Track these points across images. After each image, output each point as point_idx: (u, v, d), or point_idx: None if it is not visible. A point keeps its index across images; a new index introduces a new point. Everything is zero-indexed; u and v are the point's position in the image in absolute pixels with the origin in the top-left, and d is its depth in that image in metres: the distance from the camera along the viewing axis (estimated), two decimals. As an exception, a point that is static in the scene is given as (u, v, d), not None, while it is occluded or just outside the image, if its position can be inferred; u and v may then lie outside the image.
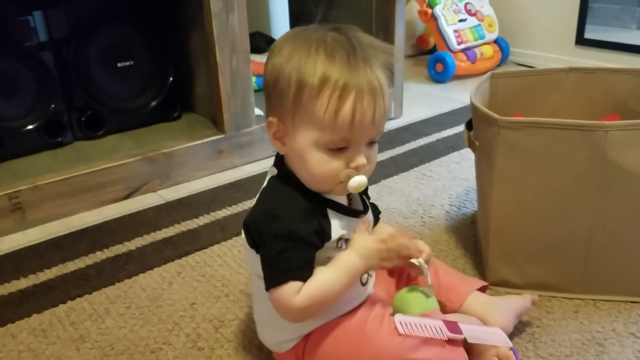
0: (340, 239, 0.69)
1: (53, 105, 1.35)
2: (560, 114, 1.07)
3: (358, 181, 0.66)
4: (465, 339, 0.70)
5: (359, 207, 0.74)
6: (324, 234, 0.67)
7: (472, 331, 0.71)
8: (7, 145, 1.30)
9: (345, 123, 0.63)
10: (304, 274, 0.65)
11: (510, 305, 0.80)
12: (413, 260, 0.72)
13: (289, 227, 0.65)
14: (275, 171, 0.72)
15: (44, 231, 1.18)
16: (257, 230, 0.66)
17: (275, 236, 0.65)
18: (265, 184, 0.72)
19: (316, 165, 0.65)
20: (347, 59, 0.63)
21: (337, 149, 0.65)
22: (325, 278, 0.67)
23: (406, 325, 0.67)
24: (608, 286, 0.89)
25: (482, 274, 0.96)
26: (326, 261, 0.69)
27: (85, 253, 1.08)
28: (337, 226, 0.69)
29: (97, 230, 1.17)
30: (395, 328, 0.67)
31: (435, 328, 0.68)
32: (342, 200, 0.71)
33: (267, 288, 0.66)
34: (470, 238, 1.08)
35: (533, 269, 0.91)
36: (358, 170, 0.66)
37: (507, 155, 0.85)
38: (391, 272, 0.82)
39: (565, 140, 0.82)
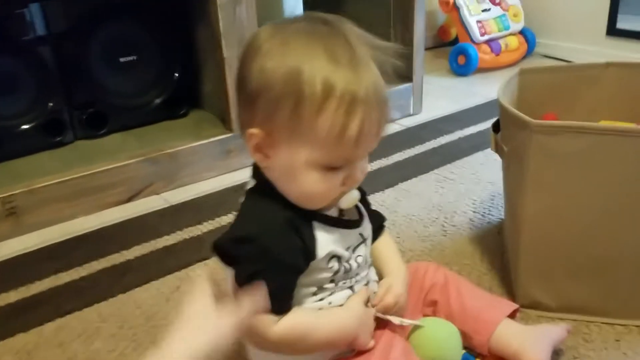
0: (331, 256, 0.60)
1: (52, 103, 1.28)
2: (598, 114, 0.97)
3: (352, 198, 0.60)
4: None
5: (353, 216, 0.65)
6: (307, 254, 0.58)
7: None
8: (4, 145, 1.24)
9: (351, 142, 0.54)
10: (281, 307, 0.57)
11: (546, 335, 0.71)
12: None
13: (265, 245, 0.56)
14: (253, 183, 0.63)
15: (40, 237, 1.11)
16: (225, 254, 0.58)
17: (246, 258, 0.56)
18: (241, 198, 0.63)
19: (309, 185, 0.57)
20: (350, 63, 0.54)
21: (335, 167, 0.57)
22: (310, 321, 0.59)
23: None
24: (656, 310, 0.79)
25: (510, 293, 0.87)
26: (315, 282, 0.60)
27: (81, 263, 1.01)
28: (326, 241, 0.59)
29: (95, 237, 1.10)
30: None
31: None
32: (332, 211, 0.62)
33: None
34: (497, 250, 0.98)
35: (570, 290, 0.81)
36: (352, 185, 0.59)
37: (541, 161, 0.76)
38: None
39: (609, 146, 0.72)
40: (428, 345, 0.67)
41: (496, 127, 0.90)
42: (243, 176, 0.66)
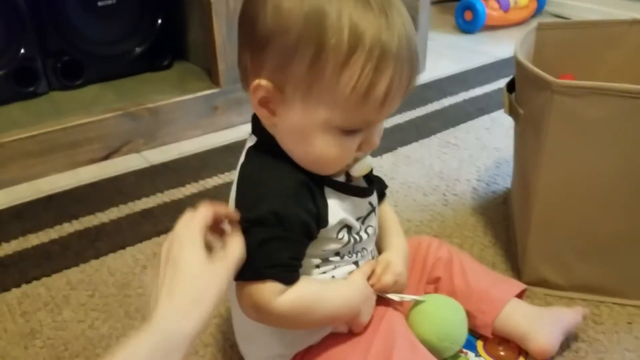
0: (342, 225, 0.53)
1: (23, 50, 1.17)
2: (621, 77, 0.87)
3: (366, 165, 0.54)
4: None
5: (362, 183, 0.58)
6: (320, 218, 0.51)
7: None
8: (-30, 94, 1.14)
9: (376, 104, 0.47)
10: (289, 275, 0.50)
11: (558, 319, 0.64)
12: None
13: (275, 209, 0.49)
14: (254, 139, 0.55)
15: (9, 196, 1.03)
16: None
17: (257, 222, 0.49)
18: (242, 158, 0.55)
19: (323, 149, 0.50)
20: (382, 6, 0.45)
21: (353, 131, 0.50)
22: (319, 291, 0.53)
23: None
24: (673, 292, 0.73)
25: (515, 269, 0.80)
26: (321, 254, 0.54)
27: (51, 224, 0.93)
28: (337, 207, 0.53)
29: (67, 197, 1.01)
30: None
31: None
32: (340, 177, 0.55)
33: (238, 278, 0.50)
34: (501, 222, 0.91)
35: (582, 268, 0.74)
36: (367, 151, 0.52)
37: (562, 127, 0.68)
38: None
39: (637, 112, 0.63)
40: (431, 322, 0.61)
41: (511, 86, 0.81)
42: (230, 136, 0.58)
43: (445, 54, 1.69)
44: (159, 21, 1.31)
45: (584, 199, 0.70)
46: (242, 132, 1.23)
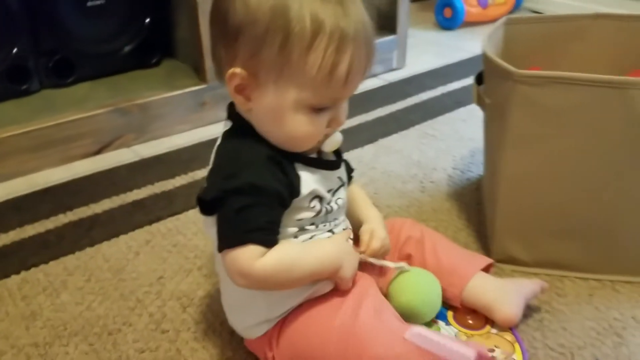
0: (313, 195, 0.59)
1: (16, 49, 1.21)
2: (584, 68, 0.93)
3: (336, 141, 0.60)
4: None
5: (330, 158, 0.63)
6: (292, 188, 0.57)
7: None
8: (-35, 93, 1.18)
9: (340, 81, 0.53)
10: (268, 238, 0.55)
11: (520, 290, 0.70)
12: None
13: (250, 179, 0.54)
14: (229, 124, 0.60)
15: (5, 190, 1.07)
16: (212, 196, 0.55)
17: (234, 191, 0.54)
18: (218, 141, 0.60)
19: (296, 127, 0.56)
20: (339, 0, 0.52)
21: (322, 109, 0.56)
22: (296, 251, 0.58)
23: (421, 339, 0.56)
24: (631, 266, 0.79)
25: (486, 249, 0.86)
26: (296, 224, 0.59)
27: (47, 216, 0.97)
28: (309, 179, 0.58)
29: (62, 190, 1.06)
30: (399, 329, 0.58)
31: (458, 350, 0.55)
32: (312, 153, 0.61)
33: (221, 248, 0.55)
34: (474, 207, 0.96)
35: (546, 245, 0.80)
36: (335, 127, 0.58)
37: (524, 114, 0.73)
38: None
39: (595, 99, 0.69)
40: (411, 291, 0.66)
41: (479, 78, 0.87)
42: (218, 130, 0.63)
43: (426, 50, 1.74)
44: (148, 20, 1.35)
45: (547, 181, 0.76)
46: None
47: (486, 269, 0.73)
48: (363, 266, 0.64)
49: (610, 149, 0.71)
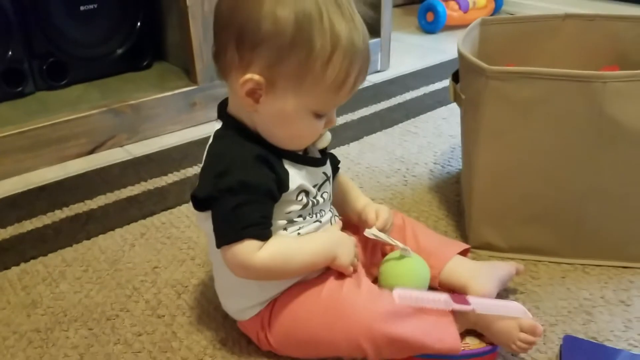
0: (300, 190, 0.63)
1: (11, 52, 1.24)
2: (556, 65, 0.97)
3: (328, 139, 0.66)
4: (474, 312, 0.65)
5: (316, 155, 0.68)
6: (281, 183, 0.61)
7: (482, 303, 0.66)
8: (-39, 95, 1.21)
9: (347, 91, 0.60)
10: (263, 232, 0.59)
11: (494, 271, 0.74)
12: (365, 234, 0.69)
13: (241, 178, 0.58)
14: (220, 123, 0.64)
15: (1, 188, 1.10)
16: (206, 194, 0.59)
17: (227, 190, 0.58)
18: (210, 140, 0.64)
19: (303, 130, 0.61)
20: (351, 14, 0.57)
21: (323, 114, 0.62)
22: (292, 243, 0.62)
23: (405, 297, 0.61)
24: (599, 250, 0.84)
25: (464, 237, 0.90)
26: (285, 217, 0.63)
27: (44, 212, 1.01)
28: (296, 175, 0.63)
29: (57, 188, 1.09)
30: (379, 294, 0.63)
31: (438, 299, 0.62)
32: (298, 151, 0.66)
33: (220, 245, 0.60)
34: (454, 198, 1.01)
35: (520, 232, 0.85)
36: (329, 128, 0.64)
37: (496, 108, 0.78)
38: (363, 238, 0.75)
39: (560, 92, 0.75)
40: (407, 275, 0.69)
41: (456, 77, 0.92)
42: (208, 130, 0.67)
43: (409, 53, 1.80)
44: (139, 24, 1.39)
45: (519, 170, 0.81)
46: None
47: (464, 254, 0.78)
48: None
49: (575, 138, 0.76)
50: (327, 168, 0.69)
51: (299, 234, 0.65)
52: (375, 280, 0.73)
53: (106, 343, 0.73)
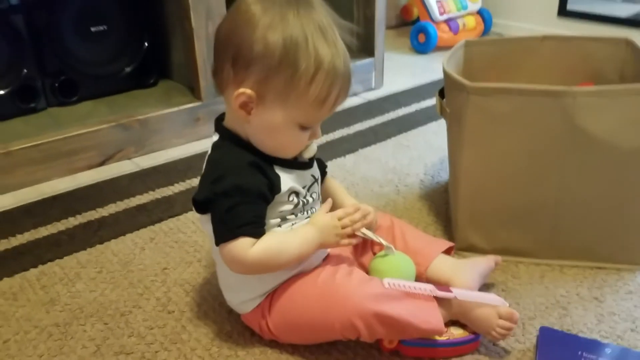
0: (291, 191, 0.70)
1: (25, 71, 1.32)
2: (535, 82, 1.06)
3: (313, 149, 0.73)
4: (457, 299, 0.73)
5: (304, 160, 0.75)
6: (273, 186, 0.68)
7: (463, 292, 0.73)
8: (-22, 110, 1.28)
9: (328, 107, 0.66)
10: (256, 230, 0.66)
11: (475, 266, 0.81)
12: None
13: (235, 182, 0.65)
14: (217, 136, 0.72)
15: (16, 197, 1.17)
16: (204, 198, 0.67)
17: (222, 194, 0.65)
18: (209, 151, 0.72)
19: (289, 140, 0.68)
20: (334, 39, 0.64)
21: (308, 127, 0.68)
22: (281, 238, 0.69)
23: (393, 284, 0.68)
24: (574, 252, 0.91)
25: (451, 240, 0.96)
26: (278, 215, 0.70)
27: (58, 219, 1.07)
28: (286, 179, 0.70)
29: (69, 197, 1.16)
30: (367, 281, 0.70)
31: (423, 287, 0.70)
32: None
33: (218, 243, 0.67)
34: (442, 206, 1.09)
35: (501, 234, 0.92)
36: (314, 140, 0.71)
37: (477, 120, 0.86)
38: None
39: (535, 105, 0.82)
40: (393, 271, 0.75)
41: (442, 93, 1.00)
42: (211, 144, 0.74)
43: (401, 72, 1.89)
44: (146, 44, 1.47)
45: (499, 177, 0.88)
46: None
47: (448, 252, 0.85)
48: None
49: (548, 148, 0.84)
50: (315, 171, 0.76)
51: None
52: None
53: (121, 336, 0.79)
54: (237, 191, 0.65)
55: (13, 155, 1.18)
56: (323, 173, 0.81)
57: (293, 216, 0.72)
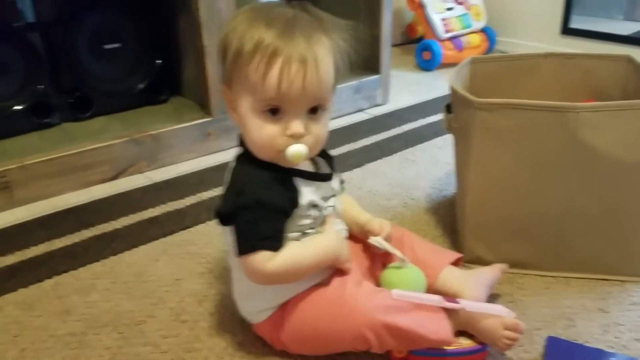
0: (310, 205, 0.72)
1: (41, 87, 1.35)
2: (538, 98, 1.08)
3: (294, 150, 0.67)
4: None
5: (326, 171, 0.77)
6: (292, 201, 0.70)
7: (470, 303, 0.75)
8: (-4, 125, 1.31)
9: (273, 86, 0.64)
10: (275, 245, 0.68)
11: (482, 277, 0.83)
12: (370, 241, 0.77)
13: (256, 197, 0.67)
14: (240, 150, 0.74)
15: (31, 210, 1.19)
16: (226, 211, 0.69)
17: (243, 208, 0.67)
18: (232, 163, 0.74)
19: (253, 130, 0.68)
20: (283, 29, 0.65)
21: (271, 113, 0.66)
22: (298, 251, 0.70)
23: (401, 295, 0.70)
24: (579, 264, 0.92)
25: (458, 252, 0.99)
26: (298, 229, 0.71)
27: (72, 231, 1.10)
28: (306, 192, 0.71)
29: (83, 210, 1.18)
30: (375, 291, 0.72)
31: (432, 298, 0.71)
32: (308, 167, 0.75)
33: (238, 255, 0.69)
34: (449, 219, 1.10)
35: (507, 247, 0.94)
36: (295, 138, 0.67)
37: (483, 136, 0.88)
38: (365, 249, 0.84)
39: (539, 121, 0.85)
40: (405, 284, 0.76)
41: (449, 108, 1.03)
42: (221, 158, 0.77)
43: (407, 89, 1.92)
44: (158, 62, 1.51)
45: (504, 191, 0.90)
46: (232, 154, 1.41)
47: (456, 264, 0.86)
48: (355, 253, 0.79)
49: (553, 162, 0.86)
50: (335, 184, 0.78)
51: None
52: (376, 287, 0.81)
53: (135, 345, 0.81)
54: (258, 205, 0.67)
55: (28, 169, 1.21)
56: (340, 188, 0.83)
57: (312, 230, 0.73)
